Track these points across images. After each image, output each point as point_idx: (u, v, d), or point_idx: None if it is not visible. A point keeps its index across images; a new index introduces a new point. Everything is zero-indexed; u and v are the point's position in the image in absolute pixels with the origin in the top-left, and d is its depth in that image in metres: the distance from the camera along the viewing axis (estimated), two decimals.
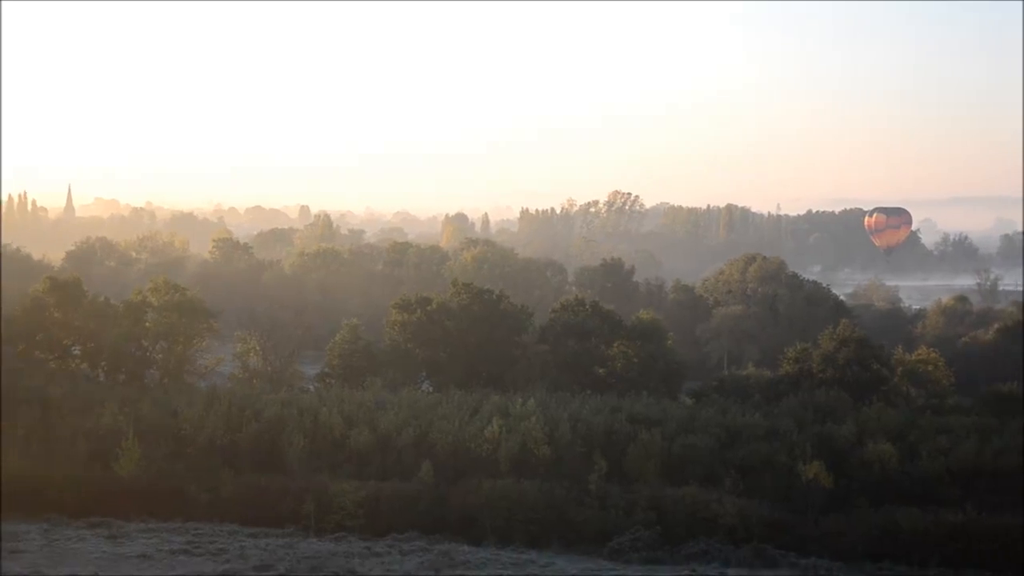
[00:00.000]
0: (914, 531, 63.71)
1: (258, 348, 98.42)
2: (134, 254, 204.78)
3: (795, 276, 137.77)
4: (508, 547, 65.26)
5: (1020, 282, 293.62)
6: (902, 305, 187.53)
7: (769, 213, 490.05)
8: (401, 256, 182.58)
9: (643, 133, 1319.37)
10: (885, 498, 67.11)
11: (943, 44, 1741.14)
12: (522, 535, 66.09)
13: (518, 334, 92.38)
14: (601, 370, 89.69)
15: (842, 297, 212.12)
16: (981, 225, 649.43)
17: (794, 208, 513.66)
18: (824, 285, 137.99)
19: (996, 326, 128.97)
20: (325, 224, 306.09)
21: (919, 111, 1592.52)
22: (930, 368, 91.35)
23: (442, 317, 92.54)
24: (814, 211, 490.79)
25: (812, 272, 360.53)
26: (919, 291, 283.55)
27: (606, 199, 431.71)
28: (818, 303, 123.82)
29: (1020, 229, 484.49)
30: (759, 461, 70.27)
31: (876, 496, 67.37)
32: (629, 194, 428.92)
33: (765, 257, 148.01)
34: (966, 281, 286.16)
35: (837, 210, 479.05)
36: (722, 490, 67.47)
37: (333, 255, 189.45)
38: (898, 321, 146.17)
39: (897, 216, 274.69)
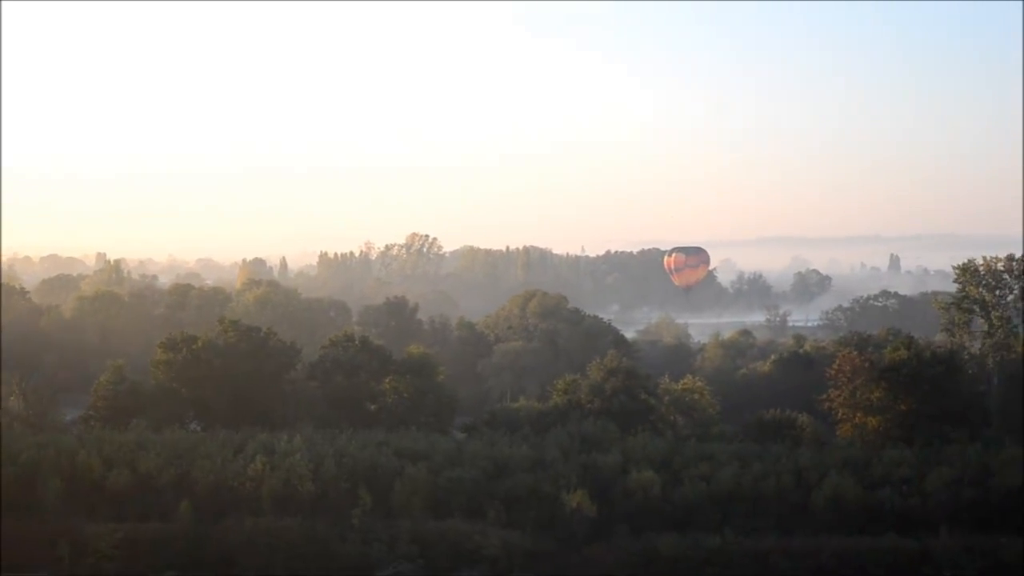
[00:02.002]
0: (673, 557, 65.99)
1: (16, 391, 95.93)
2: None
3: (576, 311, 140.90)
4: None
5: (808, 317, 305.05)
6: (691, 341, 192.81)
7: (567, 254, 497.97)
8: (183, 299, 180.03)
9: (448, 177, 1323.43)
10: (647, 525, 69.23)
11: (739, 88, 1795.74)
12: (283, 573, 66.15)
13: (287, 371, 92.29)
14: (372, 405, 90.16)
15: (634, 334, 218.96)
16: (778, 264, 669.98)
17: (599, 249, 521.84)
18: (605, 320, 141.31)
19: (773, 358, 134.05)
20: (112, 269, 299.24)
21: (718, 155, 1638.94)
22: (696, 396, 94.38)
23: (209, 355, 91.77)
24: (613, 252, 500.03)
25: (610, 311, 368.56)
26: (713, 328, 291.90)
27: (404, 241, 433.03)
28: (598, 337, 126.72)
29: (813, 267, 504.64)
30: (525, 492, 71.52)
31: (639, 523, 69.42)
32: (427, 236, 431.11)
33: (545, 293, 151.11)
34: (759, 317, 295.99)
35: (636, 250, 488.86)
36: (486, 522, 68.49)
37: (112, 298, 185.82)
38: (683, 355, 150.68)
39: (696, 255, 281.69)
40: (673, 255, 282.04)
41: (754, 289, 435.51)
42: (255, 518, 68.89)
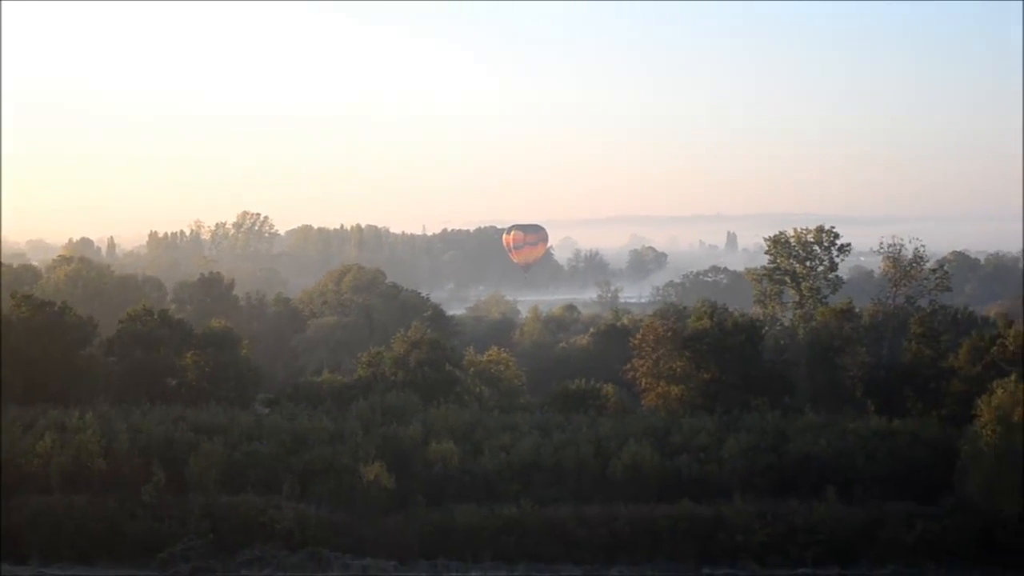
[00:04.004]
0: (470, 527, 67.17)
1: None
2: None
3: (393, 286, 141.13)
4: (55, 564, 64.98)
5: (642, 293, 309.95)
6: (519, 316, 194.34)
7: (403, 232, 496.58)
8: None
9: (289, 156, 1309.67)
10: (446, 495, 70.41)
11: (583, 71, 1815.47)
12: (71, 551, 65.75)
13: (83, 346, 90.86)
14: (172, 380, 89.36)
15: (464, 311, 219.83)
16: (618, 242, 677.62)
17: (440, 228, 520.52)
18: (425, 295, 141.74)
19: (591, 331, 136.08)
20: None
21: (563, 136, 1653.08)
22: (502, 368, 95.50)
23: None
24: (450, 230, 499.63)
25: (445, 289, 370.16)
26: (550, 304, 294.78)
27: (235, 220, 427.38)
28: (414, 311, 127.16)
29: (650, 245, 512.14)
30: (323, 465, 71.91)
31: (438, 494, 70.53)
32: (258, 215, 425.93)
33: (361, 267, 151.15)
34: (593, 294, 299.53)
35: (473, 229, 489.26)
36: (281, 496, 68.72)
37: None
38: (505, 330, 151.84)
39: (534, 233, 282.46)
40: (512, 233, 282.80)
41: (591, 266, 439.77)
42: (43, 496, 68.32)
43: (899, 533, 66.50)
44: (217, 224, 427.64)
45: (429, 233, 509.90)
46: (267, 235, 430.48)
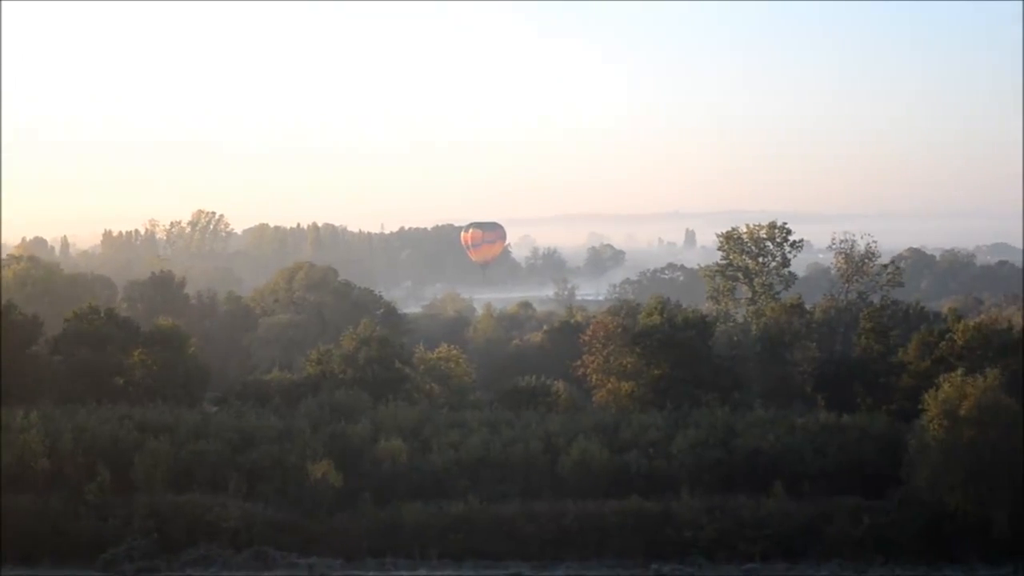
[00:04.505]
0: (417, 524, 67.13)
1: None
2: None
3: (345, 284, 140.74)
4: None
5: (599, 291, 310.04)
6: (474, 315, 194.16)
7: (360, 231, 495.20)
8: None
9: (246, 155, 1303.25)
10: (395, 493, 70.24)
11: (544, 70, 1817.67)
12: (13, 552, 65.15)
13: (28, 345, 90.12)
14: (119, 379, 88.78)
15: (420, 309, 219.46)
16: (577, 240, 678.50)
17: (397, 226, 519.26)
18: (376, 292, 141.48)
19: (545, 328, 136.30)
20: None
21: (523, 135, 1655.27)
22: (452, 365, 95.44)
23: None
24: (407, 228, 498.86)
25: (402, 287, 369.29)
26: (507, 302, 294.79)
27: (190, 219, 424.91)
28: (366, 309, 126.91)
29: (607, 243, 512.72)
30: (270, 463, 71.65)
31: (387, 492, 70.33)
32: (213, 213, 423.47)
33: (313, 265, 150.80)
34: (550, 291, 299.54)
35: (430, 227, 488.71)
36: (228, 494, 68.45)
37: None
38: (460, 328, 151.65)
39: (492, 231, 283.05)
40: (470, 231, 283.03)
41: (549, 264, 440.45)
42: None
43: (846, 527, 66.80)
44: (172, 223, 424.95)
45: (387, 232, 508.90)
46: (223, 234, 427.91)
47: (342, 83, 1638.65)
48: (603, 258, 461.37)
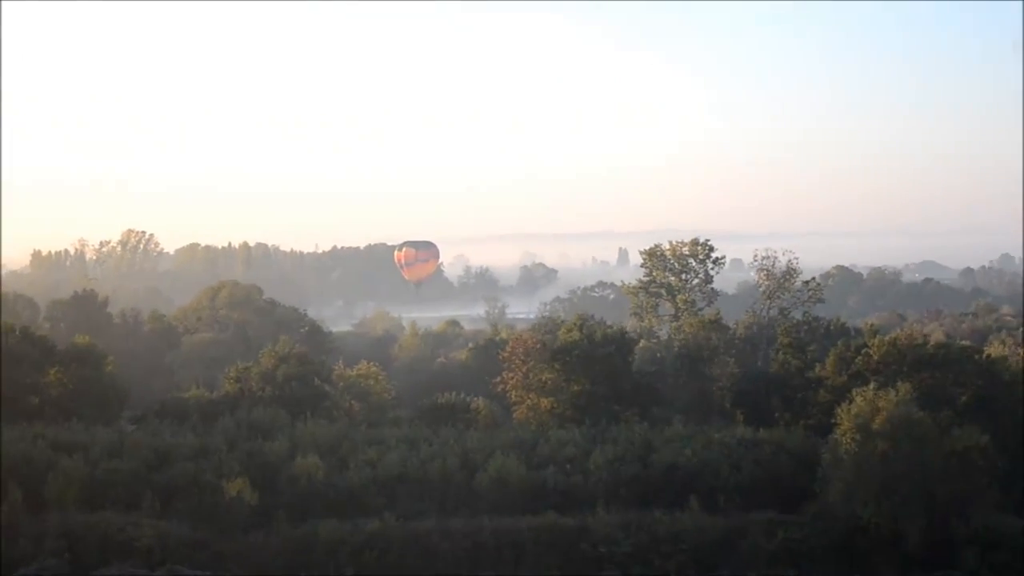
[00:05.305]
0: (332, 541, 66.85)
1: None
2: None
3: (270, 302, 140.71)
4: None
5: (530, 309, 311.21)
6: (403, 333, 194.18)
7: (292, 250, 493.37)
8: None
9: (179, 175, 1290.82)
10: (311, 511, 69.92)
11: (480, 89, 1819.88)
12: None
13: None
14: (34, 398, 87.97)
15: (349, 327, 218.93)
16: (511, 260, 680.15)
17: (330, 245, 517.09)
18: (301, 311, 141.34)
19: (470, 345, 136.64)
20: None
21: (458, 154, 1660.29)
22: (371, 382, 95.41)
23: None
24: (340, 247, 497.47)
25: (334, 306, 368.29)
26: (438, 320, 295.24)
27: (120, 239, 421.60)
28: (290, 327, 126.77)
29: (539, 261, 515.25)
30: (185, 481, 71.18)
31: (303, 509, 70.01)
32: (144, 233, 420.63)
33: (236, 283, 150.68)
34: (482, 310, 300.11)
35: (363, 246, 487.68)
36: (140, 513, 67.94)
37: None
38: (386, 346, 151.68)
39: (426, 250, 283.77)
40: (404, 250, 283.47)
41: (481, 283, 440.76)
42: None
43: (761, 541, 67.35)
44: (102, 243, 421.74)
45: (320, 251, 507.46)
46: (154, 254, 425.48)
47: (274, 102, 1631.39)
48: (536, 277, 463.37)
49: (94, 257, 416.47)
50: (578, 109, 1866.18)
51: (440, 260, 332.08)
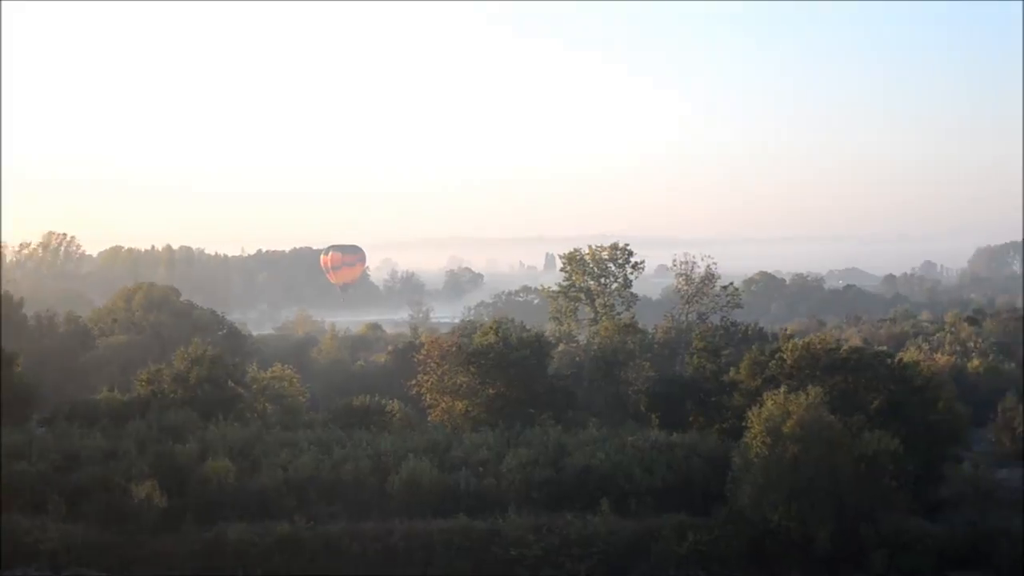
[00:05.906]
0: (241, 544, 66.58)
1: None
2: None
3: (187, 304, 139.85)
4: None
5: (455, 313, 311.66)
6: (325, 336, 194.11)
7: (217, 253, 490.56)
8: None
9: (97, 178, 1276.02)
10: (221, 514, 69.54)
11: (409, 93, 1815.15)
12: None
13: None
14: None
15: (271, 330, 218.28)
16: (438, 264, 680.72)
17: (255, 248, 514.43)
18: (219, 313, 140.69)
19: (389, 348, 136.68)
20: None
21: (384, 159, 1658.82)
22: (285, 385, 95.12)
23: None
24: (265, 251, 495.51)
25: (258, 309, 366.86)
26: (363, 324, 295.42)
27: (40, 241, 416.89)
28: (207, 329, 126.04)
29: (466, 266, 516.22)
30: (94, 484, 70.62)
31: (212, 512, 69.63)
32: (65, 235, 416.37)
33: (152, 285, 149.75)
34: (407, 314, 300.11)
35: (288, 249, 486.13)
36: (47, 516, 67.25)
37: None
38: (306, 348, 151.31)
39: (352, 254, 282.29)
40: (330, 253, 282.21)
41: (407, 287, 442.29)
42: None
43: (672, 544, 67.75)
44: (22, 245, 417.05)
45: (246, 254, 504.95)
46: (76, 256, 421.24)
47: (202, 105, 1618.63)
48: (462, 281, 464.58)
49: (13, 260, 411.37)
50: (509, 114, 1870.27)
51: (367, 264, 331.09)
